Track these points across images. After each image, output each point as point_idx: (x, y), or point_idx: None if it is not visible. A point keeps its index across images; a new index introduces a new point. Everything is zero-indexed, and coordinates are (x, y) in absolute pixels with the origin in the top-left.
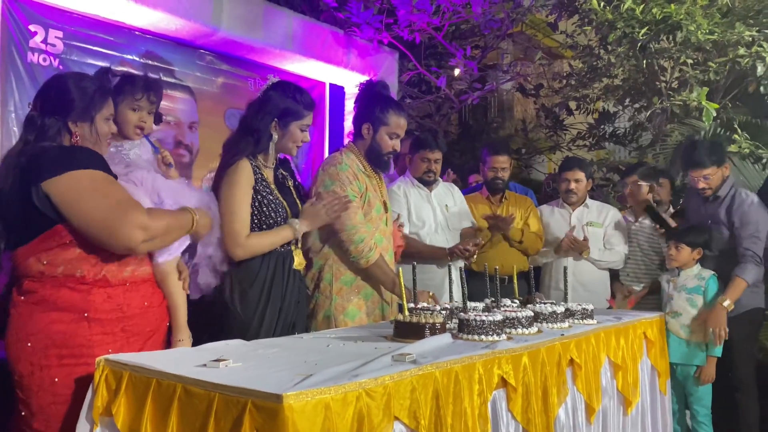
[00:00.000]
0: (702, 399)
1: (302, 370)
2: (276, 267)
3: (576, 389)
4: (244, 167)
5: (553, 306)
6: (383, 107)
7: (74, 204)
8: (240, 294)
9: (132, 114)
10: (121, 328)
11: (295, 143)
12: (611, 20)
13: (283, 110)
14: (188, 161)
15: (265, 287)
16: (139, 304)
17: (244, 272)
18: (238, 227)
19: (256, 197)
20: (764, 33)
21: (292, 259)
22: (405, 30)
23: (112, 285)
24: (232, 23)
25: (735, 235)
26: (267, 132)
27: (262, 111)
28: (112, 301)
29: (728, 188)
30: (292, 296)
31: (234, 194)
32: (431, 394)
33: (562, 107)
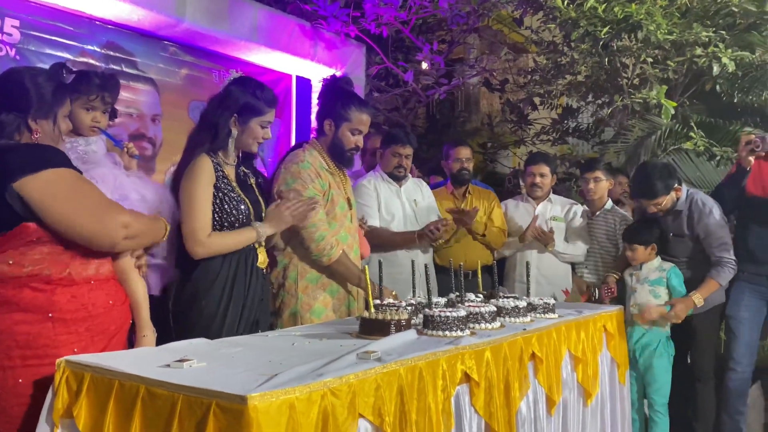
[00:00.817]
0: (661, 389)
1: (267, 370)
2: (239, 265)
3: (537, 382)
4: (205, 163)
5: (516, 301)
6: (345, 103)
7: (53, 203)
8: (202, 291)
9: (86, 114)
10: (86, 327)
11: (255, 140)
12: (574, 18)
13: (242, 106)
14: (151, 154)
15: (227, 285)
16: (104, 302)
17: (205, 270)
18: (199, 225)
19: (218, 194)
20: (720, 34)
21: (255, 257)
22: (372, 23)
23: (77, 283)
24: (196, 14)
25: (704, 245)
26: (226, 127)
27: (222, 106)
28: (77, 301)
29: (684, 202)
30: (255, 294)
31: (194, 191)
32: (396, 390)
33: (526, 102)
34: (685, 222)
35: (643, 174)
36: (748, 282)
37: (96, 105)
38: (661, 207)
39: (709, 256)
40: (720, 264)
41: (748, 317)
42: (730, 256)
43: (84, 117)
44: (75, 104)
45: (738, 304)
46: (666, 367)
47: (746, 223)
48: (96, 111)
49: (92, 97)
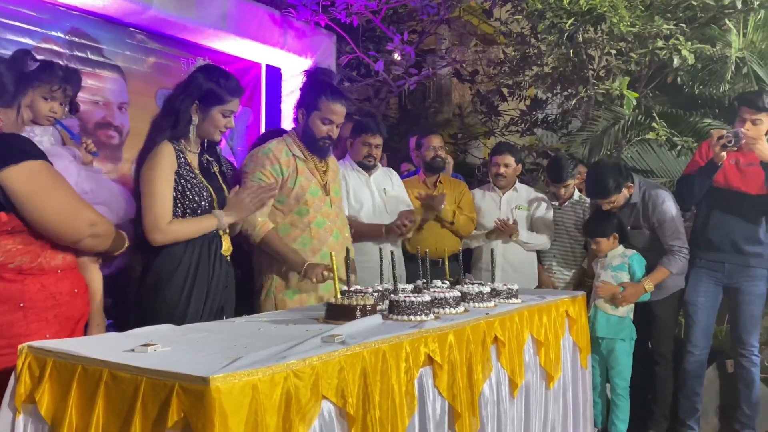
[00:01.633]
0: (622, 372)
1: (231, 354)
2: (201, 251)
3: (500, 365)
4: (166, 150)
5: (480, 286)
6: (317, 93)
7: (34, 195)
8: (165, 279)
9: (43, 103)
10: (54, 315)
11: (217, 128)
12: (541, 10)
13: (205, 93)
14: (118, 143)
15: (191, 271)
16: (69, 290)
17: (167, 256)
18: (159, 212)
19: (180, 181)
20: (681, 27)
21: (219, 244)
22: (342, 12)
23: (46, 273)
24: (164, 1)
25: (658, 234)
26: (187, 114)
27: (184, 93)
28: (46, 290)
29: (638, 196)
30: (220, 281)
31: (155, 178)
32: (359, 373)
33: (495, 93)
34: (641, 214)
35: (595, 174)
36: (706, 269)
37: (56, 96)
38: (614, 204)
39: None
40: (671, 252)
41: (705, 303)
42: (682, 245)
43: (42, 106)
44: (35, 92)
45: (696, 290)
46: (627, 352)
47: (706, 212)
48: (55, 101)
49: (54, 87)
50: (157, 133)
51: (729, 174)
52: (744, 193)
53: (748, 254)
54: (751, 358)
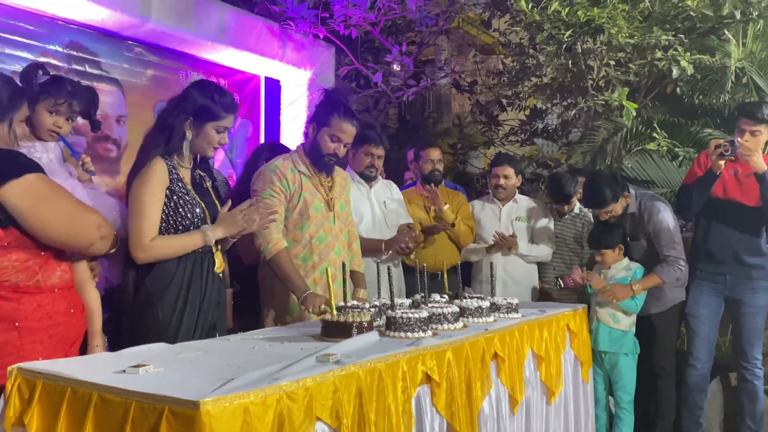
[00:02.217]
0: (626, 386)
1: (224, 374)
2: (194, 268)
3: (500, 382)
4: (158, 167)
5: (479, 301)
6: (329, 109)
7: (35, 208)
8: (157, 296)
9: (47, 116)
10: (49, 335)
11: (210, 144)
12: (539, 21)
13: (199, 109)
14: (116, 156)
15: (183, 289)
16: (66, 310)
17: (159, 273)
18: (143, 230)
19: (172, 197)
20: (679, 38)
21: (211, 262)
22: (341, 25)
23: (42, 292)
24: (161, 14)
25: (654, 243)
26: (180, 130)
27: (178, 108)
28: (42, 310)
29: (635, 205)
30: (212, 298)
31: (143, 194)
32: (354, 393)
33: (495, 104)
34: (637, 224)
35: (592, 184)
36: (707, 281)
37: (61, 110)
38: (611, 214)
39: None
40: (665, 261)
41: (707, 315)
42: (677, 255)
43: (46, 119)
44: (39, 105)
45: (697, 302)
46: (631, 365)
47: (706, 224)
48: (59, 116)
49: (60, 101)
50: (150, 148)
51: (728, 185)
52: (743, 205)
53: (750, 266)
54: (754, 370)
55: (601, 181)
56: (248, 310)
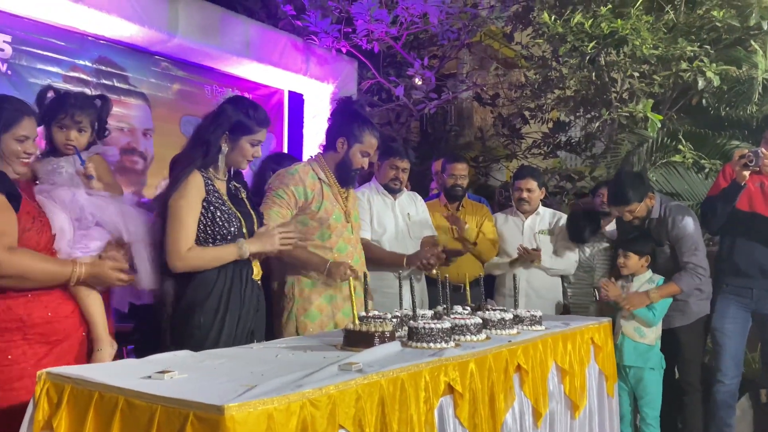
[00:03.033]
0: (652, 402)
1: (248, 381)
2: (233, 276)
3: (523, 394)
4: (195, 180)
5: (502, 313)
6: (361, 125)
7: None
8: (198, 304)
9: (59, 133)
10: (22, 336)
11: (245, 157)
12: (562, 33)
13: (234, 124)
14: (142, 168)
15: (223, 297)
16: (42, 315)
17: (200, 282)
18: (180, 240)
19: (209, 209)
20: (705, 49)
21: (250, 270)
22: (363, 39)
23: (11, 297)
24: (188, 30)
25: (676, 249)
26: (217, 144)
27: (214, 123)
28: (12, 312)
29: (659, 211)
30: (251, 305)
31: (181, 207)
32: (377, 402)
33: (517, 117)
34: (662, 228)
35: (616, 183)
36: (734, 295)
37: (66, 123)
38: (634, 214)
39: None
40: (685, 269)
41: (734, 329)
42: (698, 263)
43: (58, 136)
44: (53, 124)
45: (724, 317)
46: (657, 380)
47: (731, 237)
48: (69, 130)
49: (62, 116)
50: (187, 162)
51: (754, 198)
52: None
53: None
54: None
55: (626, 180)
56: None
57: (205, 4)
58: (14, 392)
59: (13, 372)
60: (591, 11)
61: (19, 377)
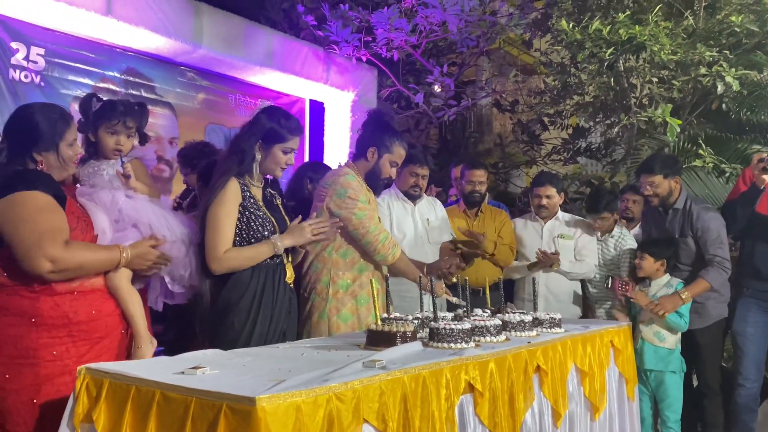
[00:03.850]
0: (672, 405)
1: (276, 376)
2: (266, 279)
3: (543, 395)
4: (232, 186)
5: (522, 315)
6: (391, 136)
7: (7, 224)
8: (233, 305)
9: (109, 137)
10: (67, 333)
11: (278, 165)
12: (580, 40)
13: (267, 132)
14: (168, 176)
15: (256, 298)
16: (86, 311)
17: (235, 283)
18: (218, 243)
19: (245, 213)
20: (724, 54)
21: (283, 272)
22: (383, 48)
23: (59, 293)
24: (212, 41)
25: (700, 243)
26: (251, 152)
27: (249, 132)
28: (59, 309)
29: (683, 201)
30: (283, 307)
31: (218, 212)
32: (399, 398)
33: (536, 123)
34: (686, 220)
35: (652, 155)
36: (755, 298)
37: (118, 129)
38: (656, 190)
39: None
40: (712, 263)
41: (755, 333)
42: (724, 256)
43: (108, 140)
44: (101, 129)
45: (745, 320)
46: (678, 383)
47: (752, 241)
48: (119, 135)
49: (114, 121)
50: (224, 170)
51: None
52: None
53: None
54: None
55: (657, 155)
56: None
57: (229, 16)
58: (56, 387)
59: (56, 368)
60: (609, 18)
61: (61, 373)
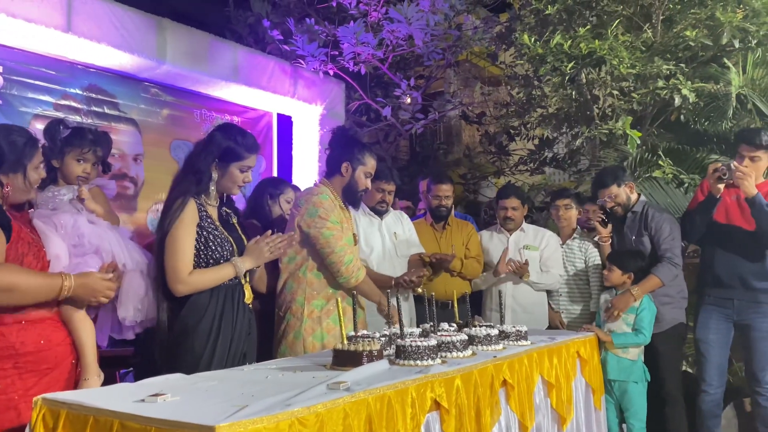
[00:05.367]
0: (637, 413)
1: (239, 402)
2: (225, 301)
3: (509, 408)
4: (189, 207)
5: (488, 329)
6: (362, 149)
7: None
8: (191, 328)
9: (77, 165)
10: (13, 364)
11: (235, 183)
12: (542, 54)
13: (223, 151)
14: (133, 193)
15: (215, 321)
16: (35, 341)
17: (193, 306)
18: (181, 265)
19: (202, 234)
20: (680, 67)
21: (242, 293)
22: (350, 61)
23: (5, 324)
24: (176, 56)
25: (653, 242)
26: (208, 172)
27: (204, 151)
28: (5, 340)
29: (641, 206)
30: (243, 328)
31: (178, 234)
32: (364, 419)
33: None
34: (642, 221)
35: (598, 171)
36: (715, 305)
37: (88, 157)
38: (615, 200)
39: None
40: (662, 259)
41: (717, 340)
42: (675, 252)
43: (75, 167)
44: (68, 156)
45: (707, 328)
46: (641, 392)
47: (712, 249)
48: (87, 162)
49: (85, 150)
50: (180, 190)
51: (730, 210)
52: (745, 230)
53: (757, 290)
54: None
55: (606, 168)
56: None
57: (193, 31)
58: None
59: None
60: (571, 32)
61: (6, 408)
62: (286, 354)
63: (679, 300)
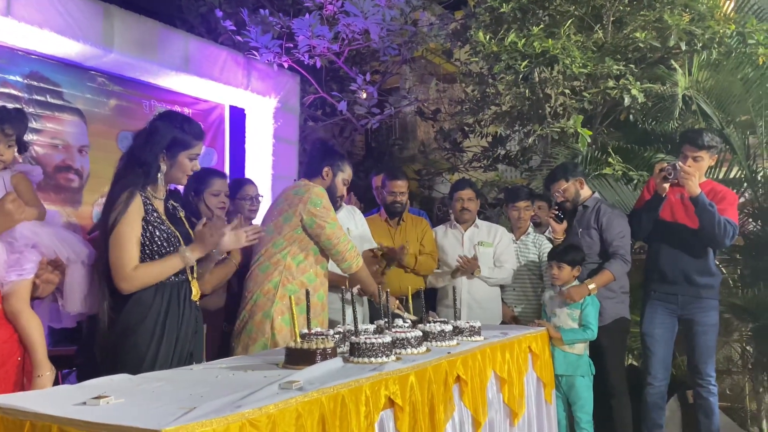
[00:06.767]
0: (584, 406)
1: (187, 404)
2: (171, 298)
3: (463, 404)
4: (133, 200)
5: (442, 325)
6: (342, 158)
7: None
8: (134, 325)
9: None
10: None
11: (184, 173)
12: (496, 52)
13: (170, 141)
14: (78, 186)
15: (160, 319)
16: None
17: (136, 304)
18: (125, 261)
19: (148, 228)
20: (630, 68)
21: (188, 290)
22: (305, 54)
23: None
24: (124, 45)
25: (603, 237)
26: (156, 164)
27: (150, 143)
28: None
29: (593, 202)
30: (189, 326)
31: (123, 229)
32: (317, 419)
33: (457, 131)
34: (593, 216)
35: (551, 169)
36: (660, 301)
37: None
38: (565, 195)
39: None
40: (615, 255)
41: (661, 334)
42: (626, 249)
43: None
44: None
45: (652, 323)
46: (588, 386)
47: (657, 246)
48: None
49: None
50: (125, 184)
51: (675, 209)
52: (689, 228)
53: (700, 286)
54: (709, 387)
55: (557, 165)
56: None
57: (142, 19)
58: None
59: None
60: (525, 30)
61: None
62: (252, 333)
63: (621, 295)
